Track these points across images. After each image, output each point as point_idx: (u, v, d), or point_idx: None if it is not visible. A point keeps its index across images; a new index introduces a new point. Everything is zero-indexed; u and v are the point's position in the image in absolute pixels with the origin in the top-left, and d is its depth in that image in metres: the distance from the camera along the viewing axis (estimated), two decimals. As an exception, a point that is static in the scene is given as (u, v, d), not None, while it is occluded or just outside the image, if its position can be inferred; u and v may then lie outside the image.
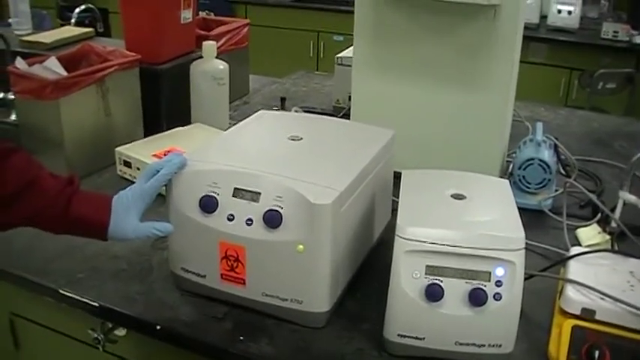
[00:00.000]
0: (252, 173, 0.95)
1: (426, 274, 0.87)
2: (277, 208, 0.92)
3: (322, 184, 0.93)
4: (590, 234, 1.24)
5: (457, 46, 1.33)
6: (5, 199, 0.91)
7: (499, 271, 0.86)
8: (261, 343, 0.95)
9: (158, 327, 0.99)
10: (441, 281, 0.87)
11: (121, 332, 1.08)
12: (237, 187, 0.95)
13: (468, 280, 0.87)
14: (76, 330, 1.16)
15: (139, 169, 1.39)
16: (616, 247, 1.18)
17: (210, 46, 1.60)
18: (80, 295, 1.05)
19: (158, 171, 0.98)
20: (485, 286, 0.86)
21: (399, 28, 1.37)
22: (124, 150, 1.43)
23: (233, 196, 0.95)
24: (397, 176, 1.18)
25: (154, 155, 1.39)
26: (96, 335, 1.07)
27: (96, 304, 1.03)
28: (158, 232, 0.97)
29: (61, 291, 1.06)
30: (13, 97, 1.71)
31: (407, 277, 0.88)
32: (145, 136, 1.56)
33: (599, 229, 1.24)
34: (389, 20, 1.37)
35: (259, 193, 0.94)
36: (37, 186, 0.93)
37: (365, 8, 1.38)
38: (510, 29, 1.29)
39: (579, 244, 1.21)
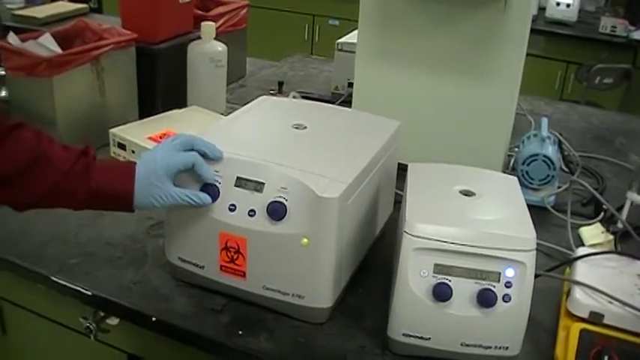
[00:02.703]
0: (257, 162, 0.92)
1: (434, 272, 0.85)
2: (282, 200, 0.89)
3: (329, 177, 0.90)
4: (593, 233, 1.23)
5: (465, 37, 1.30)
6: (13, 177, 0.88)
7: (509, 272, 0.84)
8: (260, 338, 0.92)
9: (154, 319, 0.95)
10: (450, 281, 0.84)
11: (113, 321, 1.05)
12: (240, 176, 0.92)
13: (477, 281, 0.84)
14: (66, 317, 1.12)
15: (133, 151, 1.35)
16: (619, 248, 1.16)
17: (209, 27, 1.56)
18: (73, 282, 1.01)
19: (192, 148, 0.93)
20: (494, 286, 0.84)
21: (405, 17, 1.33)
22: (119, 132, 1.39)
23: (235, 186, 0.92)
24: (400, 168, 1.15)
25: (150, 138, 1.35)
26: (87, 324, 1.04)
27: (89, 292, 1.00)
28: (191, 200, 0.91)
29: (53, 278, 1.02)
30: (3, 73, 1.66)
31: (414, 276, 0.85)
32: (140, 117, 1.52)
33: (602, 228, 1.23)
34: (395, 8, 1.33)
35: (263, 184, 0.91)
36: (47, 161, 0.89)
37: (371, -5, 1.35)
38: (520, 21, 1.26)
39: (582, 243, 1.19)
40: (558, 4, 3.62)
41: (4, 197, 0.91)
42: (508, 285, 0.84)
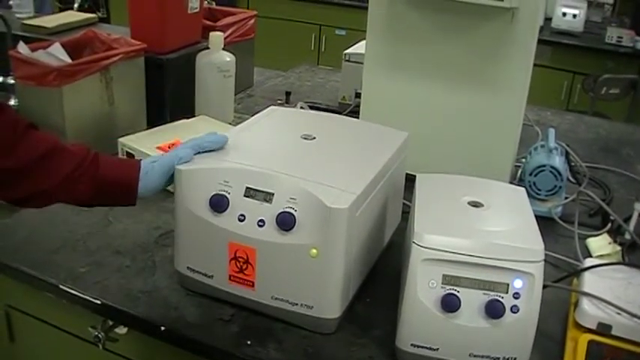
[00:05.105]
0: (266, 173, 0.92)
1: (442, 283, 0.85)
2: (291, 210, 0.89)
3: (338, 187, 0.90)
4: (600, 244, 1.23)
5: (472, 48, 1.31)
6: (32, 166, 0.90)
7: (517, 283, 0.84)
8: (269, 347, 0.92)
9: (162, 328, 0.96)
10: (458, 291, 0.85)
11: (121, 330, 1.05)
12: (250, 186, 0.92)
13: (485, 292, 0.84)
14: (75, 326, 1.13)
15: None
16: (626, 259, 1.16)
17: (217, 37, 1.57)
18: (81, 291, 1.02)
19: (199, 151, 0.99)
20: (502, 297, 0.84)
21: (413, 27, 1.34)
22: (127, 141, 1.39)
23: (245, 196, 0.92)
24: (407, 178, 1.16)
25: (159, 148, 1.35)
26: (96, 333, 1.04)
27: (98, 301, 1.00)
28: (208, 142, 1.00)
29: (62, 286, 1.03)
30: (12, 81, 1.67)
31: (423, 287, 0.85)
32: (149, 127, 1.52)
33: (609, 239, 1.23)
34: (403, 19, 1.34)
35: (272, 194, 0.91)
36: (62, 150, 0.93)
37: (379, 6, 1.35)
38: (528, 32, 1.27)
39: (589, 254, 1.19)
40: (564, 14, 3.63)
41: (22, 189, 0.91)
42: (516, 296, 0.84)
